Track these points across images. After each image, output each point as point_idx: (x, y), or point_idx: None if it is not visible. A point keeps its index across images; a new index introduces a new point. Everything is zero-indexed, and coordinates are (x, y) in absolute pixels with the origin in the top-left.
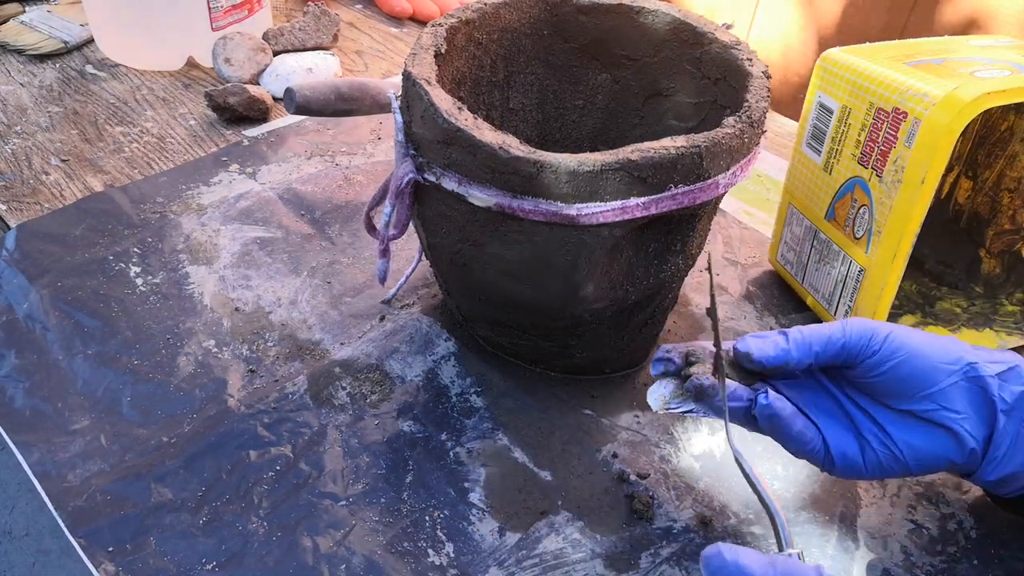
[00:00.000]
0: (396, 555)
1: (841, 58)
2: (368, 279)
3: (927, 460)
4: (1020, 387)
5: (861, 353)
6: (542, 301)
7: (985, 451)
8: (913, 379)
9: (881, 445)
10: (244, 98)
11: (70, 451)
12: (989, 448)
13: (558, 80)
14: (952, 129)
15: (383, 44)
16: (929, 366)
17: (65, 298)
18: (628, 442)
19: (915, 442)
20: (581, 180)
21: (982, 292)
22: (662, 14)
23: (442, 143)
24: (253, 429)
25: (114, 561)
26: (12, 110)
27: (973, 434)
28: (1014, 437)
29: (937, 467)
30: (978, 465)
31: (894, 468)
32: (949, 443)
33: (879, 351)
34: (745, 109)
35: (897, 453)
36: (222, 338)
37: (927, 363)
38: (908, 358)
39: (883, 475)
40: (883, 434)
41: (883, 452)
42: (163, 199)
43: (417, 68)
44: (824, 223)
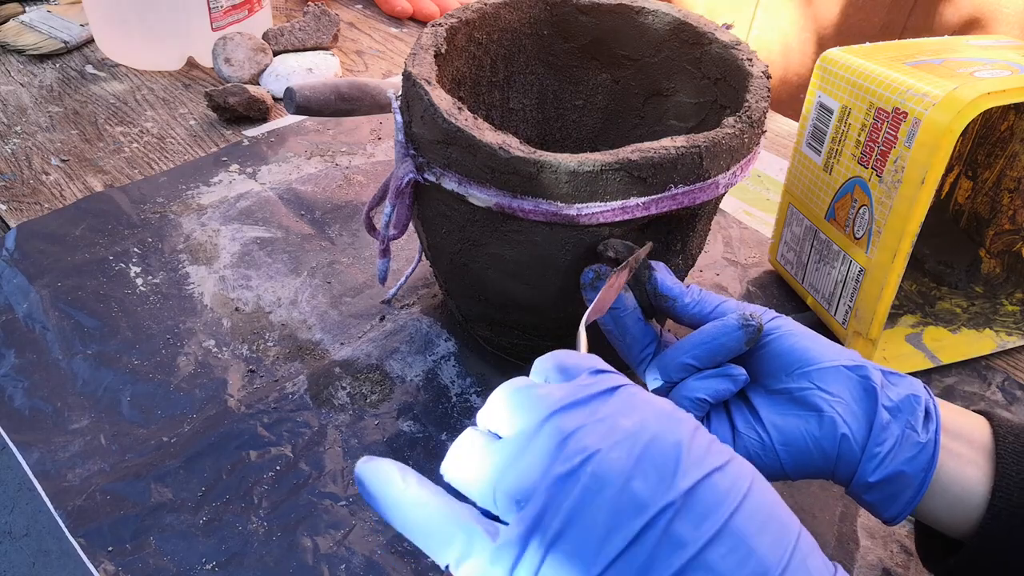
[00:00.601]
0: (396, 555)
1: (841, 58)
2: (368, 279)
3: (796, 447)
4: (909, 391)
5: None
6: (542, 301)
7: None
8: (792, 355)
9: (750, 429)
10: (244, 98)
11: (70, 451)
12: (868, 444)
13: (558, 80)
14: (952, 129)
15: (383, 44)
16: (810, 347)
17: (65, 298)
18: None
19: (785, 425)
20: (581, 180)
21: (982, 292)
22: (662, 14)
23: (442, 143)
24: (253, 429)
25: (114, 561)
26: (12, 110)
27: (847, 420)
28: (898, 437)
29: (809, 459)
30: (856, 463)
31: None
32: (819, 426)
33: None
34: (745, 109)
35: (765, 438)
36: (222, 338)
37: (809, 343)
38: (790, 334)
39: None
40: (755, 418)
41: (752, 438)
42: (163, 199)
43: (417, 68)
44: (824, 223)
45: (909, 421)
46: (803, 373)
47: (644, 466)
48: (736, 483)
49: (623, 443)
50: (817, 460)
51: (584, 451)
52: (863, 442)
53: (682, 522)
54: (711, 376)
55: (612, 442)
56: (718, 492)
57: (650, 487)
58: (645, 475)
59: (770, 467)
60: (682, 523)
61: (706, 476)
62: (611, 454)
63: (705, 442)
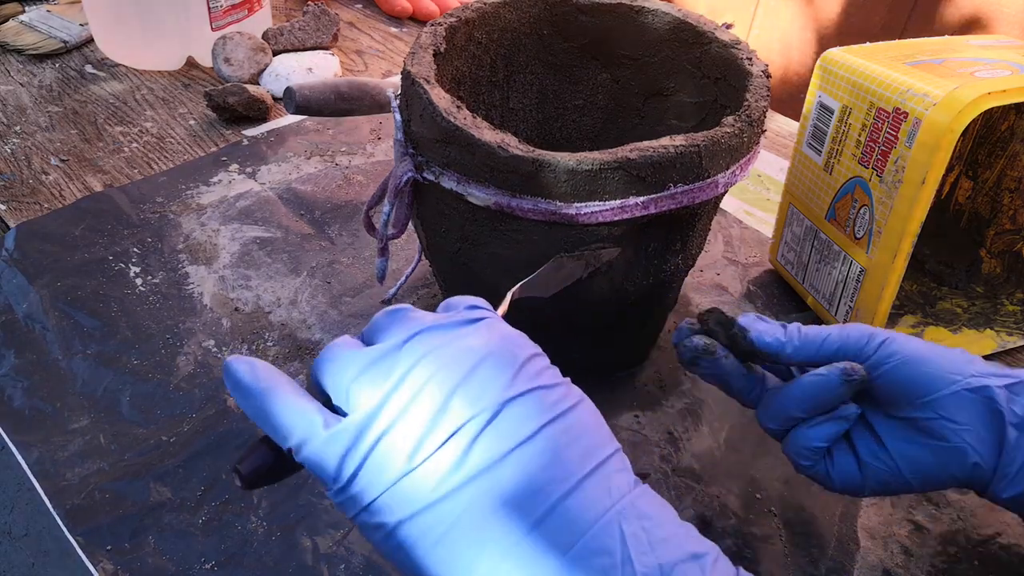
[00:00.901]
0: None
1: (841, 58)
2: (368, 279)
3: (928, 475)
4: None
5: (856, 357)
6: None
7: (995, 467)
8: (910, 384)
9: (877, 459)
10: (244, 98)
11: (69, 450)
12: (999, 464)
13: (558, 80)
14: (952, 129)
15: (383, 44)
16: (927, 372)
17: (65, 298)
18: (628, 442)
19: (913, 455)
20: (580, 179)
21: (983, 292)
22: (662, 14)
23: (441, 142)
24: (252, 429)
25: (113, 560)
26: (12, 110)
27: (976, 447)
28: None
29: (941, 483)
30: (989, 480)
31: (894, 484)
32: (949, 457)
33: (873, 355)
34: (745, 108)
35: (894, 467)
36: (222, 338)
37: (925, 369)
38: (905, 362)
39: (886, 491)
40: (880, 447)
41: (880, 468)
42: (163, 199)
43: (416, 67)
44: (824, 223)
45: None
46: (926, 403)
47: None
48: (559, 401)
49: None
50: (948, 483)
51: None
52: (994, 464)
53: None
54: (822, 423)
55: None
56: (540, 404)
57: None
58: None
59: (899, 486)
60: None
61: (531, 390)
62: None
63: (540, 366)
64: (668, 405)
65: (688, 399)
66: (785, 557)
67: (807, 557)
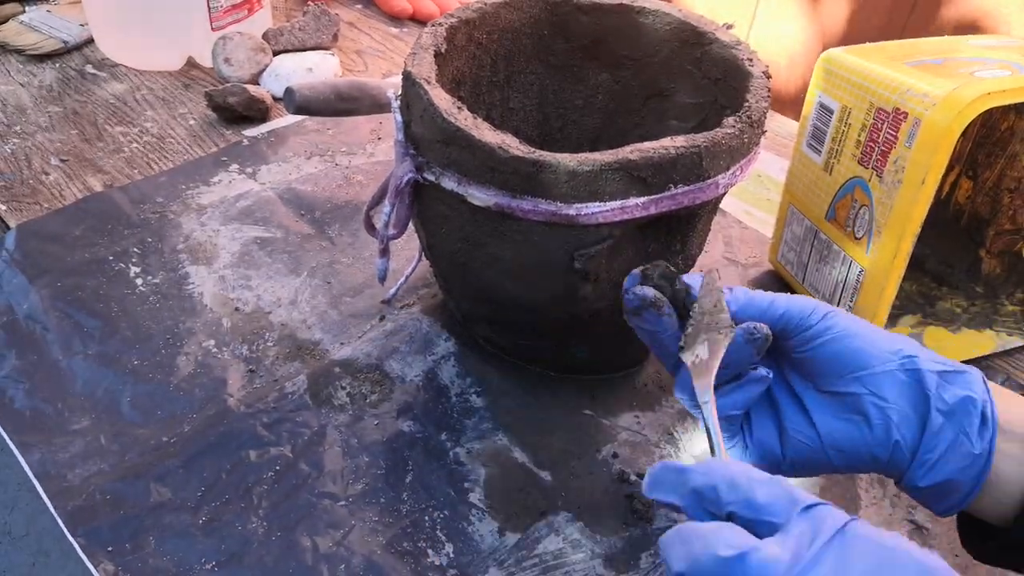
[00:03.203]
0: (396, 555)
1: (841, 58)
2: (368, 279)
3: (849, 451)
4: (965, 392)
5: (799, 325)
6: (541, 301)
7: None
8: (844, 358)
9: (800, 433)
10: (244, 98)
11: (70, 451)
12: (920, 449)
13: (558, 80)
14: (952, 129)
15: (383, 44)
16: (863, 348)
17: (65, 298)
18: (628, 442)
19: (838, 430)
20: (580, 180)
21: (982, 292)
22: (663, 14)
23: (441, 143)
24: (253, 429)
25: (113, 561)
26: (12, 110)
27: (900, 427)
28: (951, 443)
29: (860, 462)
30: (907, 466)
31: (814, 460)
32: (872, 433)
33: (815, 325)
34: (745, 109)
35: (817, 442)
36: (222, 338)
37: (862, 344)
38: (843, 336)
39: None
40: (806, 420)
41: (802, 440)
42: (163, 199)
43: (417, 68)
44: (824, 223)
45: (964, 427)
46: (856, 378)
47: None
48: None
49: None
50: (868, 462)
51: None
52: (915, 447)
53: None
54: (733, 390)
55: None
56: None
57: None
58: None
59: (819, 464)
60: None
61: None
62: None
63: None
64: (668, 405)
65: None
66: None
67: None
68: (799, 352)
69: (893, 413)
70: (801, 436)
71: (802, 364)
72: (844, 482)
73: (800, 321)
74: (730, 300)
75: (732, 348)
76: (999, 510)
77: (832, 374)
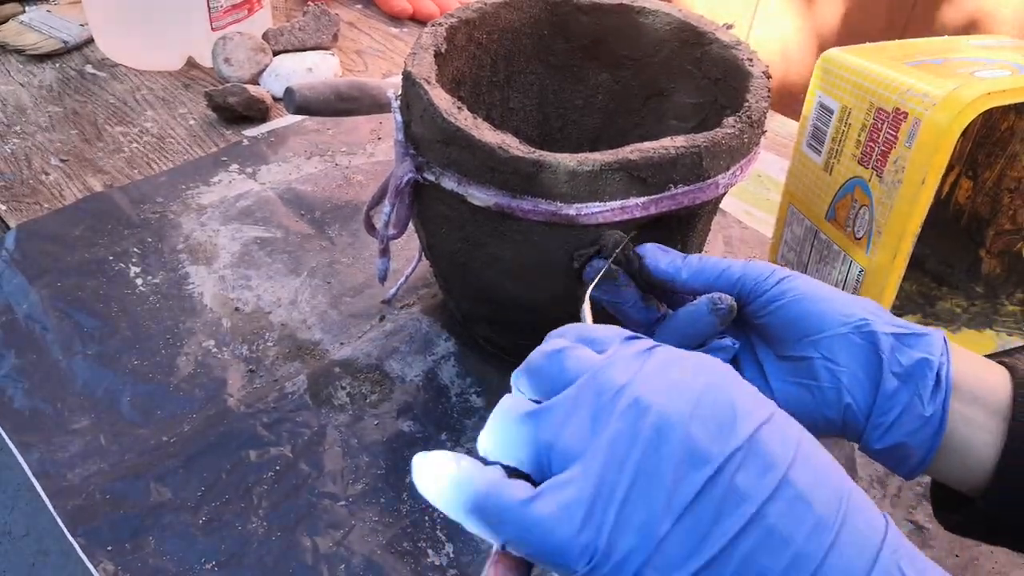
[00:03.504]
0: (396, 555)
1: (841, 58)
2: (368, 279)
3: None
4: (922, 354)
5: (755, 290)
6: (541, 301)
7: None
8: (799, 322)
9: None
10: (244, 98)
11: (69, 451)
12: (873, 412)
13: (558, 80)
14: (952, 129)
15: (383, 44)
16: (818, 312)
17: (65, 298)
18: None
19: (793, 394)
20: (580, 180)
21: (983, 292)
22: (662, 14)
23: (441, 143)
24: (253, 429)
25: (113, 560)
26: (12, 110)
27: (851, 390)
28: (905, 405)
29: (815, 425)
30: (862, 428)
31: None
32: (823, 395)
33: (770, 290)
34: (745, 109)
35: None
36: (222, 338)
37: (817, 308)
38: (798, 299)
39: None
40: (764, 383)
41: None
42: (163, 199)
43: (417, 68)
44: (824, 223)
45: (918, 389)
46: (810, 342)
47: (703, 415)
48: (787, 433)
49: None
50: (822, 426)
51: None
52: (868, 410)
53: (745, 473)
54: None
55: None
56: (774, 442)
57: (711, 437)
58: (705, 425)
59: None
60: (745, 474)
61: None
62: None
63: (752, 391)
64: None
65: None
66: None
67: None
68: (758, 318)
69: (844, 376)
70: None
71: (762, 330)
72: None
73: (755, 286)
74: (681, 267)
75: (696, 316)
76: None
77: (788, 339)
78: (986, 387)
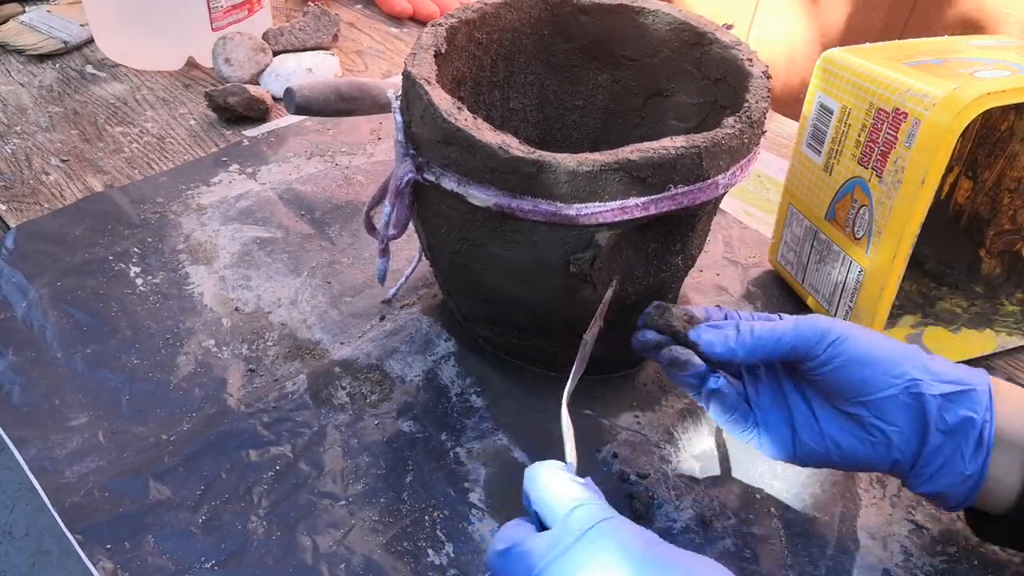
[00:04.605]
0: (396, 555)
1: (841, 58)
2: (368, 279)
3: (852, 460)
4: (968, 412)
5: (808, 354)
6: (541, 301)
7: (914, 464)
8: (850, 385)
9: (810, 437)
10: (244, 98)
11: (67, 448)
12: (918, 464)
13: (558, 80)
14: (952, 129)
15: (383, 44)
16: (869, 375)
17: (65, 298)
18: (628, 442)
19: (845, 443)
20: (580, 180)
21: (982, 292)
22: (663, 14)
23: (441, 143)
24: (252, 428)
25: (112, 559)
26: (12, 110)
27: (901, 447)
28: (948, 458)
29: (862, 469)
30: (906, 475)
31: (820, 460)
32: (874, 450)
33: (821, 355)
34: (745, 109)
35: (823, 448)
36: (222, 338)
37: (868, 372)
38: (849, 364)
39: (812, 463)
40: (816, 427)
41: (813, 445)
42: (163, 199)
43: (417, 68)
44: (824, 223)
45: (960, 447)
46: (864, 403)
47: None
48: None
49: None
50: (869, 470)
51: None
52: (913, 463)
53: None
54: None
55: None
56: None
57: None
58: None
59: (826, 462)
60: None
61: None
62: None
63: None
64: (668, 405)
65: (688, 399)
66: (785, 557)
67: (807, 557)
68: (812, 376)
69: (894, 435)
70: (810, 440)
71: (816, 384)
72: (844, 482)
73: (807, 352)
74: (736, 347)
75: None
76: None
77: (840, 396)
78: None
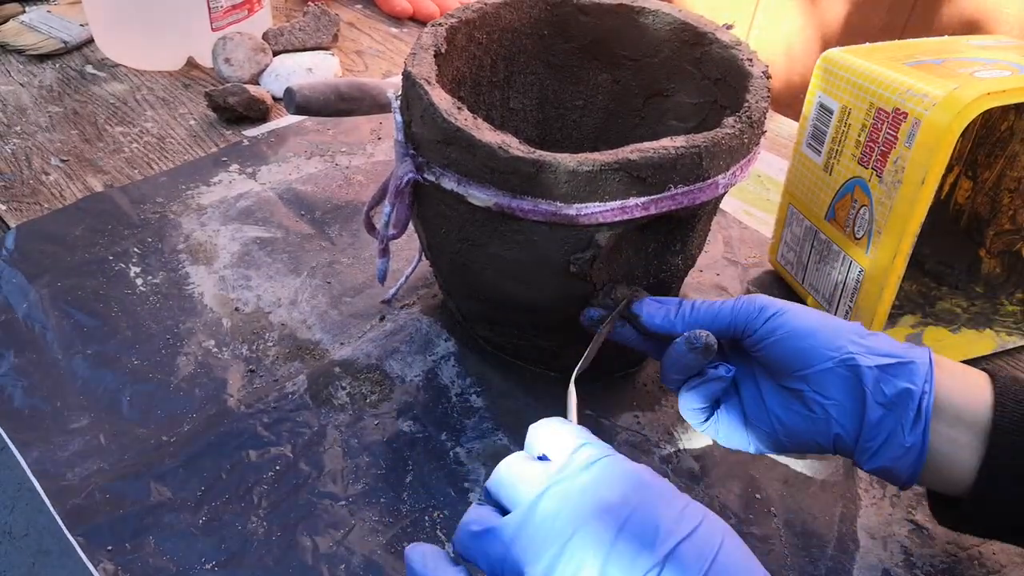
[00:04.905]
0: (396, 555)
1: (841, 58)
2: (368, 279)
3: (798, 439)
4: (905, 384)
5: (747, 328)
6: (541, 301)
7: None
8: (789, 358)
9: (760, 418)
10: (244, 98)
11: (69, 450)
12: (861, 439)
13: (558, 80)
14: (952, 129)
15: (383, 44)
16: (807, 347)
17: (65, 298)
18: (628, 442)
19: (788, 420)
20: (580, 180)
21: (982, 292)
22: (663, 14)
23: (441, 143)
24: (253, 429)
25: (113, 560)
26: (12, 110)
27: (840, 420)
28: (889, 433)
29: (808, 447)
30: (851, 452)
31: (773, 442)
32: (816, 425)
33: (759, 329)
34: (745, 109)
35: (769, 428)
36: (222, 338)
37: (804, 344)
38: (786, 338)
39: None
40: (764, 409)
41: (760, 427)
42: (163, 199)
43: (417, 68)
44: (824, 223)
45: (900, 419)
46: (801, 376)
47: (626, 536)
48: (704, 548)
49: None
50: (815, 448)
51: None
52: (855, 438)
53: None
54: (697, 385)
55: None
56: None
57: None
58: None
59: (777, 446)
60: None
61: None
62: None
63: (679, 506)
64: (668, 405)
65: None
66: (785, 557)
67: (807, 557)
68: (754, 352)
69: (832, 408)
70: (759, 423)
71: (759, 360)
72: (844, 482)
73: (746, 326)
74: (675, 320)
75: (677, 355)
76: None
77: (781, 371)
78: (968, 403)
